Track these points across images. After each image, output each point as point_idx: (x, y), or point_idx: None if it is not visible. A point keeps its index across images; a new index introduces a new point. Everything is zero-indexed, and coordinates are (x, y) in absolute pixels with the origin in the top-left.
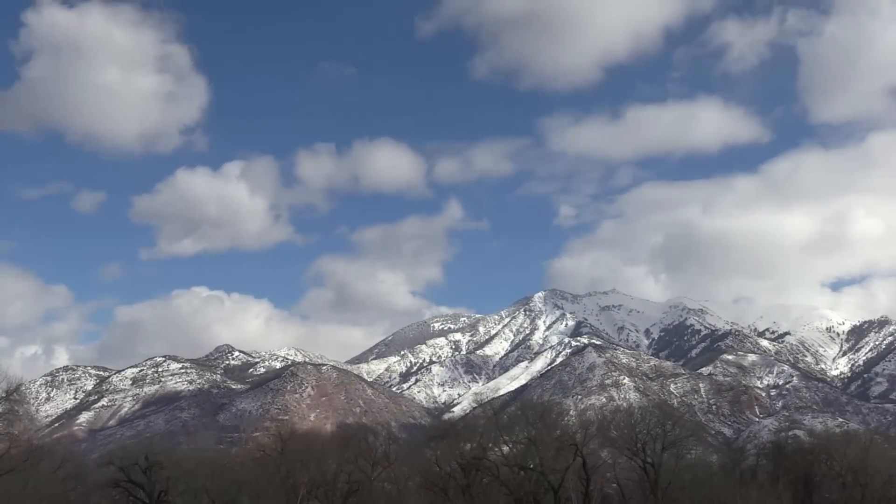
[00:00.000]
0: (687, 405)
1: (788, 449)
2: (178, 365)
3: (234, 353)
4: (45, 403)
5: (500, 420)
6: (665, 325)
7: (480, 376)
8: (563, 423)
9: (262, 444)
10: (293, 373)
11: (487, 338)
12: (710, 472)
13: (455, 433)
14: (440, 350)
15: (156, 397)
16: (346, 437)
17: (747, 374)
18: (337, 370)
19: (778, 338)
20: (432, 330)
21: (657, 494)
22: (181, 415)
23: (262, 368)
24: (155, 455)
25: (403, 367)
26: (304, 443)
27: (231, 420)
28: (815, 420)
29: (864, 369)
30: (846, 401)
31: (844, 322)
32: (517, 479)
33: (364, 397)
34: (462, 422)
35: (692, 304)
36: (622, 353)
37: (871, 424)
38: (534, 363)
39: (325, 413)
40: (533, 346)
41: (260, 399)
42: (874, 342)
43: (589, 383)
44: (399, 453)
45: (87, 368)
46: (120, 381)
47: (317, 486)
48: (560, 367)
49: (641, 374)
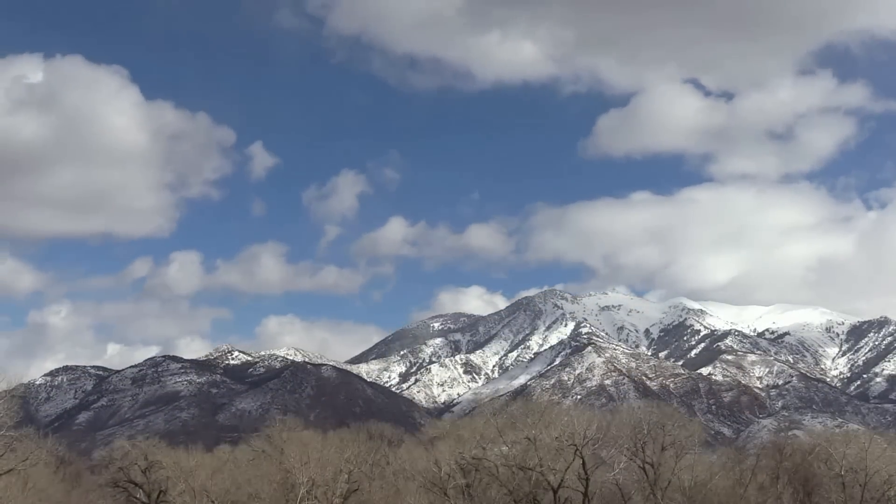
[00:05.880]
0: (687, 405)
1: (788, 449)
2: (178, 365)
3: (233, 353)
4: (44, 403)
5: (500, 420)
6: (665, 325)
7: (480, 376)
8: (563, 423)
9: (262, 444)
10: (293, 373)
11: (487, 338)
12: (710, 472)
13: (455, 433)
14: (440, 350)
15: (155, 397)
16: (346, 437)
17: (747, 375)
18: (337, 370)
19: (778, 338)
20: (432, 330)
21: (657, 494)
22: (181, 415)
23: (261, 368)
24: (155, 455)
25: (403, 367)
26: (304, 443)
27: (231, 420)
28: (814, 420)
29: (864, 369)
30: (846, 401)
31: (844, 322)
32: (517, 479)
33: (364, 397)
34: (462, 422)
35: (692, 304)
36: (622, 354)
37: (870, 424)
38: (533, 363)
39: (325, 413)
40: (532, 346)
41: (260, 399)
42: (874, 342)
43: (589, 383)
44: (399, 453)
45: (87, 368)
46: (120, 381)
47: (317, 486)
48: (560, 367)
49: (641, 374)
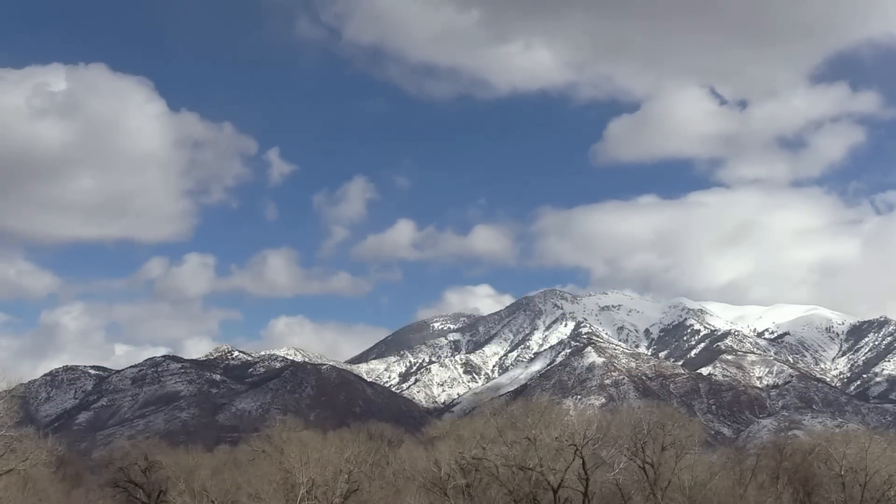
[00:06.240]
0: (687, 405)
1: (788, 449)
2: (178, 365)
3: (233, 353)
4: (44, 403)
5: (500, 420)
6: (665, 325)
7: (480, 376)
8: (563, 423)
9: (262, 444)
10: (293, 373)
11: (487, 338)
12: (710, 472)
13: (455, 433)
14: (440, 350)
15: (155, 397)
16: (346, 437)
17: (747, 375)
18: (336, 370)
19: (778, 338)
20: (432, 330)
21: (657, 494)
22: (181, 415)
23: (261, 368)
24: (155, 455)
25: (403, 367)
26: (304, 443)
27: (231, 420)
28: (814, 420)
29: (864, 369)
30: (846, 401)
31: (844, 322)
32: (517, 479)
33: (364, 397)
34: (462, 422)
35: (692, 304)
36: (622, 354)
37: (870, 424)
38: (533, 363)
39: (325, 413)
40: (532, 346)
41: (260, 399)
42: (873, 342)
43: (589, 383)
44: (399, 453)
45: (87, 368)
46: (120, 381)
47: (316, 486)
48: (560, 367)
49: (641, 374)
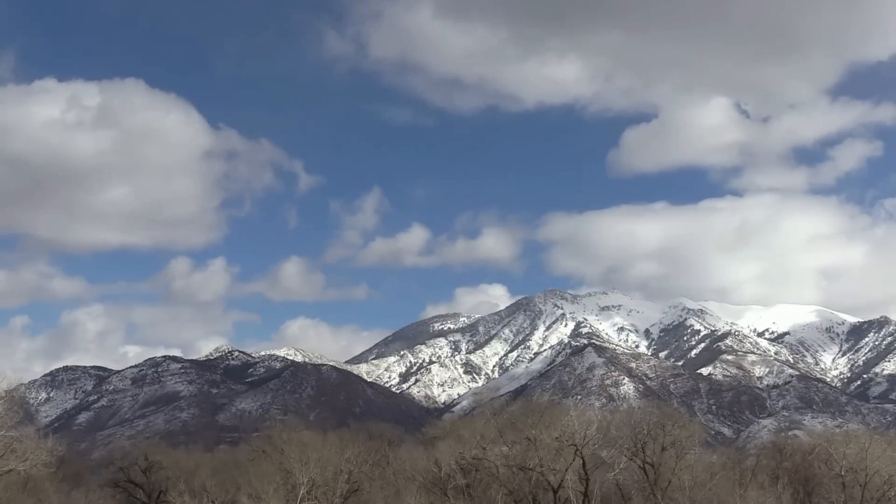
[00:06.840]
0: (687, 405)
1: (788, 449)
2: (178, 365)
3: (233, 354)
4: (44, 403)
5: (500, 420)
6: (665, 326)
7: (480, 376)
8: (563, 423)
9: (262, 445)
10: (293, 373)
11: (487, 338)
12: (710, 472)
13: (455, 433)
14: (440, 350)
15: (155, 397)
16: (346, 438)
17: (747, 375)
18: (336, 370)
19: (778, 338)
20: (432, 330)
21: (657, 494)
22: (181, 415)
23: (261, 368)
24: (155, 455)
25: (403, 367)
26: (304, 443)
27: (231, 420)
28: (814, 420)
29: (864, 369)
30: (846, 401)
31: (844, 322)
32: (517, 480)
33: (364, 397)
34: (462, 422)
35: (692, 304)
36: (622, 354)
37: (870, 424)
38: (533, 363)
39: (325, 413)
40: (533, 346)
41: (260, 399)
42: (874, 342)
43: (589, 383)
44: (399, 453)
45: (87, 368)
46: (120, 381)
47: (317, 487)
48: (560, 368)
49: (641, 374)
